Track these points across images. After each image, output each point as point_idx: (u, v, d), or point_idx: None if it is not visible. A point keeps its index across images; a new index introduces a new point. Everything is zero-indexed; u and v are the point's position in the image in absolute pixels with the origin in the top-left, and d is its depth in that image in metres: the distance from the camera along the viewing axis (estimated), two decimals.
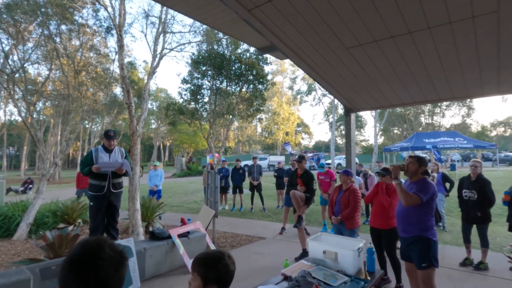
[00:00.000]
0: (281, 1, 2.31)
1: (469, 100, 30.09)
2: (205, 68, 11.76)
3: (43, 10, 8.22)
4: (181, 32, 10.80)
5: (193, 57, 11.93)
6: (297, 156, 4.87)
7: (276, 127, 42.37)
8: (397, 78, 3.63)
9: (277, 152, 42.55)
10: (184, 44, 10.00)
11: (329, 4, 2.29)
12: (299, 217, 4.56)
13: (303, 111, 71.71)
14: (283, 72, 42.85)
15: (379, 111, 25.01)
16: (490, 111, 79.29)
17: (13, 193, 14.36)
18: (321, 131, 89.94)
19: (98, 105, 12.82)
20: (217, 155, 12.98)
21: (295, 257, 4.44)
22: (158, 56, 7.59)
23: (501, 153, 27.69)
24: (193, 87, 12.11)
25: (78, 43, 10.65)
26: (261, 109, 12.92)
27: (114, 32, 8.64)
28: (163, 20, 7.77)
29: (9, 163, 44.79)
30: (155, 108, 37.44)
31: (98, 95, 13.68)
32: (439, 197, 5.81)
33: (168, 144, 45.04)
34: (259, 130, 47.91)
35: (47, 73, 11.61)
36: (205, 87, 12.31)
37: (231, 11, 2.52)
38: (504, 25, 2.37)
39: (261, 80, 11.62)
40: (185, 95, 12.46)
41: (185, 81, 12.35)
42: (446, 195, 6.25)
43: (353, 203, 3.87)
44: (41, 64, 12.32)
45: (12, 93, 7.37)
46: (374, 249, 2.70)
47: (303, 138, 51.91)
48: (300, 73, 37.62)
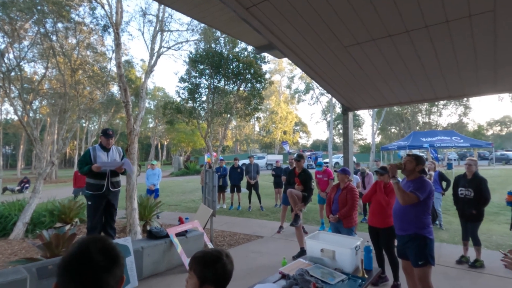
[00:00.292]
0: (279, 0, 2.30)
1: (466, 99, 30.24)
2: (202, 66, 11.72)
3: (39, 8, 8.16)
4: (178, 30, 10.74)
5: (191, 56, 11.89)
6: (296, 155, 4.87)
7: (274, 126, 42.37)
8: (394, 76, 3.64)
9: (275, 151, 42.55)
10: (181, 42, 9.99)
11: (327, 2, 2.29)
12: (296, 215, 4.56)
13: (301, 110, 71.90)
14: (281, 71, 42.85)
15: (376, 110, 25.09)
16: (486, 110, 79.89)
17: (9, 193, 14.26)
18: (319, 130, 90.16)
19: (95, 104, 12.76)
20: (215, 154, 12.97)
21: (293, 256, 4.45)
22: (155, 54, 7.56)
23: (497, 152, 27.88)
24: (190, 86, 12.07)
25: (74, 41, 10.59)
26: (259, 108, 12.91)
27: (111, 30, 8.57)
28: (160, 18, 7.74)
29: (5, 162, 44.51)
30: (152, 107, 37.34)
31: (95, 93, 13.61)
32: (435, 195, 5.85)
33: (165, 143, 44.94)
34: (257, 129, 47.91)
35: (44, 71, 11.53)
36: (203, 85, 12.28)
37: (229, 10, 2.51)
38: (500, 24, 2.38)
39: (259, 79, 11.61)
40: (183, 93, 12.42)
41: (182, 80, 12.31)
42: (442, 194, 6.29)
43: (351, 201, 3.89)
44: (37, 62, 12.24)
45: (8, 91, 7.31)
46: (371, 247, 2.71)
47: (301, 137, 52.00)
48: (298, 72, 37.67)
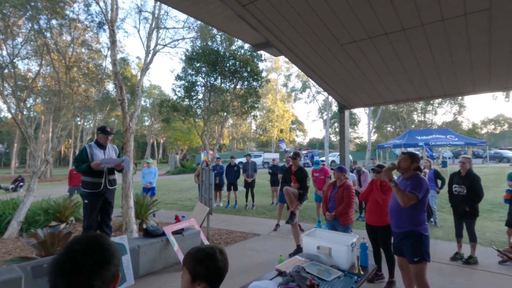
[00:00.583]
0: None
1: (461, 97, 30.49)
2: (199, 64, 11.67)
3: (33, 4, 8.04)
4: (174, 28, 10.72)
5: (187, 54, 11.83)
6: (292, 153, 4.88)
7: (270, 124, 42.39)
8: (390, 75, 3.66)
9: (272, 149, 42.60)
10: (177, 40, 9.94)
11: (324, 0, 2.29)
12: (291, 213, 4.58)
13: (297, 108, 71.98)
14: (277, 69, 42.78)
15: (372, 108, 25.20)
16: (481, 109, 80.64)
17: (3, 191, 14.10)
18: (315, 129, 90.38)
19: (90, 102, 12.65)
20: (211, 152, 12.95)
21: (289, 253, 4.47)
22: (151, 52, 7.52)
23: (491, 150, 28.21)
24: (187, 84, 12.02)
25: (69, 38, 10.47)
26: (256, 106, 12.91)
27: (106, 27, 8.50)
28: (156, 15, 7.69)
29: None
30: (148, 105, 37.08)
31: (90, 91, 13.49)
32: (431, 193, 5.90)
33: (162, 141, 44.72)
34: (254, 127, 47.89)
35: (38, 68, 11.39)
36: (199, 83, 12.23)
37: (225, 7, 2.50)
38: (495, 22, 2.40)
39: (256, 77, 11.59)
40: (179, 91, 12.36)
41: (179, 78, 12.24)
42: (437, 192, 6.35)
43: (347, 199, 3.91)
44: (31, 59, 12.08)
45: (1, 89, 7.22)
46: (367, 244, 2.73)
47: (297, 135, 52.13)
48: (294, 70, 37.62)
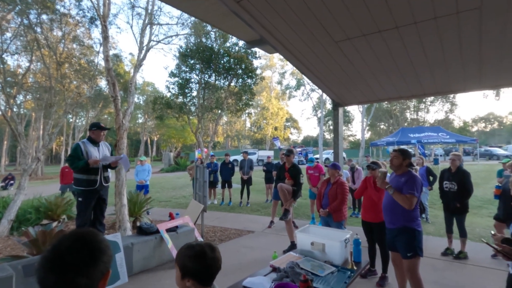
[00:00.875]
0: None
1: (452, 96, 30.94)
2: (193, 61, 11.59)
3: None
4: (168, 24, 10.55)
5: (181, 50, 11.74)
6: (286, 150, 4.90)
7: (265, 122, 42.40)
8: (384, 72, 3.69)
9: (266, 147, 42.66)
10: (171, 36, 9.85)
11: None
12: (285, 209, 4.61)
13: (292, 106, 72.09)
14: (272, 66, 42.77)
15: (366, 106, 25.39)
16: (471, 107, 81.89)
17: None
18: (310, 126, 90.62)
19: (82, 98, 12.46)
20: (205, 150, 12.91)
21: (284, 250, 4.49)
22: (144, 48, 7.43)
23: (481, 148, 28.72)
24: (181, 81, 11.94)
25: (60, 33, 10.28)
26: (250, 103, 12.89)
27: (98, 22, 8.37)
28: (149, 11, 7.59)
29: None
30: (142, 102, 36.73)
31: (82, 88, 13.29)
32: (423, 190, 5.99)
33: (155, 139, 44.38)
34: (248, 125, 47.84)
35: (28, 64, 11.16)
36: (193, 80, 12.16)
37: (220, 3, 2.48)
38: (485, 21, 2.44)
39: (250, 74, 11.57)
40: (173, 89, 12.28)
41: (172, 75, 12.15)
42: (429, 189, 6.45)
43: (341, 195, 3.95)
44: (21, 55, 11.83)
45: None
46: (360, 240, 2.77)
47: (291, 133, 52.26)
48: (289, 67, 37.65)
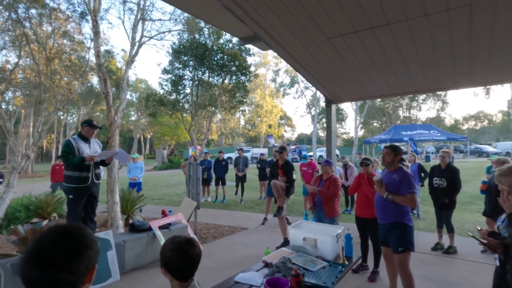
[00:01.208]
0: None
1: (444, 94, 31.42)
2: (186, 58, 11.49)
3: None
4: (161, 20, 10.40)
5: (174, 47, 11.62)
6: (279, 147, 4.91)
7: (259, 119, 42.36)
8: (376, 69, 3.71)
9: (260, 144, 42.64)
10: (164, 32, 9.75)
11: None
12: (279, 207, 4.62)
13: (286, 103, 72.18)
14: (266, 64, 42.66)
15: (359, 104, 25.60)
16: (462, 105, 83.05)
17: None
18: (304, 124, 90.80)
19: (73, 95, 12.26)
20: (199, 147, 12.85)
21: (277, 246, 4.51)
22: (136, 44, 7.34)
23: (471, 145, 29.25)
24: (174, 78, 11.83)
25: (50, 29, 10.07)
26: (244, 100, 12.86)
27: (89, 17, 8.23)
28: (142, 6, 7.49)
29: None
30: (135, 99, 36.31)
31: (73, 84, 13.06)
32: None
33: (149, 136, 44.00)
34: (242, 122, 47.75)
35: (16, 60, 10.91)
36: (186, 77, 12.07)
37: None
38: (475, 18, 2.47)
39: (244, 71, 11.53)
40: (166, 85, 12.17)
41: (165, 71, 12.03)
42: (421, 185, 6.54)
43: (333, 190, 3.99)
44: (9, 50, 11.57)
45: None
46: (352, 235, 2.79)
47: (286, 130, 52.34)
48: (283, 65, 37.59)
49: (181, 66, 11.83)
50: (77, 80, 12.41)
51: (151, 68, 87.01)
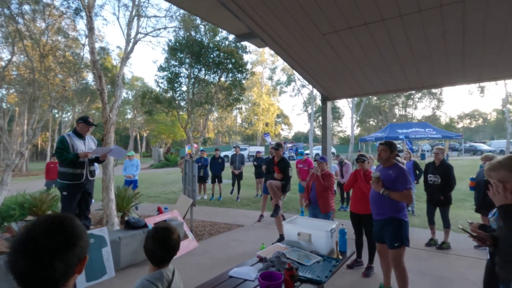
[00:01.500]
0: None
1: (439, 92, 31.63)
2: (182, 55, 11.43)
3: None
4: (156, 16, 10.28)
5: (170, 44, 11.55)
6: (275, 144, 4.92)
7: (256, 117, 42.35)
8: (371, 66, 3.73)
9: (257, 142, 42.65)
10: (159, 29, 9.67)
11: None
12: (276, 206, 4.64)
13: (282, 102, 72.04)
14: (262, 62, 42.60)
15: (356, 102, 25.68)
16: (457, 103, 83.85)
17: None
18: (300, 122, 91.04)
19: (67, 92, 12.14)
20: (195, 145, 12.81)
21: (272, 243, 4.52)
22: (132, 40, 7.29)
23: (466, 144, 29.52)
24: (170, 75, 11.76)
25: (44, 25, 9.95)
26: (240, 98, 12.83)
27: (83, 14, 8.13)
28: (137, 2, 7.43)
29: None
30: (130, 97, 36.07)
31: (67, 81, 12.93)
32: None
33: (145, 134, 43.78)
34: (239, 121, 47.73)
35: (9, 56, 10.77)
36: (182, 75, 12.00)
37: None
38: (469, 14, 2.48)
39: (240, 69, 11.50)
40: (162, 83, 12.10)
41: (161, 69, 11.96)
42: (416, 182, 6.59)
43: (328, 183, 4.03)
44: (2, 46, 11.42)
45: None
46: (346, 230, 2.81)
47: (282, 129, 52.42)
48: (279, 63, 37.64)
49: (177, 63, 11.76)
50: (72, 77, 12.29)
51: (147, 66, 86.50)
